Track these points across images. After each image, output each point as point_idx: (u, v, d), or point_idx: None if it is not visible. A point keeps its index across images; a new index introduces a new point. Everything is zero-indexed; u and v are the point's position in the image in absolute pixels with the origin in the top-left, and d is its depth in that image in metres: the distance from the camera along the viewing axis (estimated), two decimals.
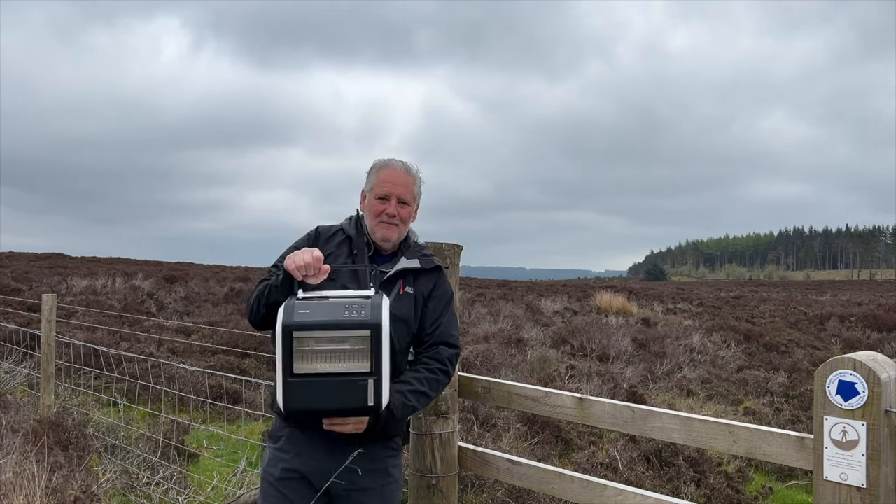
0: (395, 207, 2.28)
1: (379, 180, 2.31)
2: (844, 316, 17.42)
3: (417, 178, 2.35)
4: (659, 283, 75.32)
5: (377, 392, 1.94)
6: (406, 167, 2.33)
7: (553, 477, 2.37)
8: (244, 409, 6.28)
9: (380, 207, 2.29)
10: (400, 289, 2.27)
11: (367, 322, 1.93)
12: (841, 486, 1.67)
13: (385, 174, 2.31)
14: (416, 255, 2.34)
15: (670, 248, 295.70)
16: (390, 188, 2.28)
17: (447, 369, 2.28)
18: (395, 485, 2.28)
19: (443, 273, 2.40)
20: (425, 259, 2.34)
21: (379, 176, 2.32)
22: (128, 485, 4.36)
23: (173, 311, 14.08)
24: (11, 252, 35.86)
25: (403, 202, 2.30)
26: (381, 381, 1.94)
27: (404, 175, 2.32)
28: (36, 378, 6.64)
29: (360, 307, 1.96)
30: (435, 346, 2.30)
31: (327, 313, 1.94)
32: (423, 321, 2.31)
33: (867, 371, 1.62)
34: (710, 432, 2.00)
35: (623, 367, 9.72)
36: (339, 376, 1.93)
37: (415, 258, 2.32)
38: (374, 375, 1.93)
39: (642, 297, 25.22)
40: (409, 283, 2.29)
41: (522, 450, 5.44)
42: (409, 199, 2.32)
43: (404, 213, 2.30)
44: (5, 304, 12.04)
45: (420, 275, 2.32)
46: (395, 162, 2.34)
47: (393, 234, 2.30)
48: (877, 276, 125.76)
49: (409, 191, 2.32)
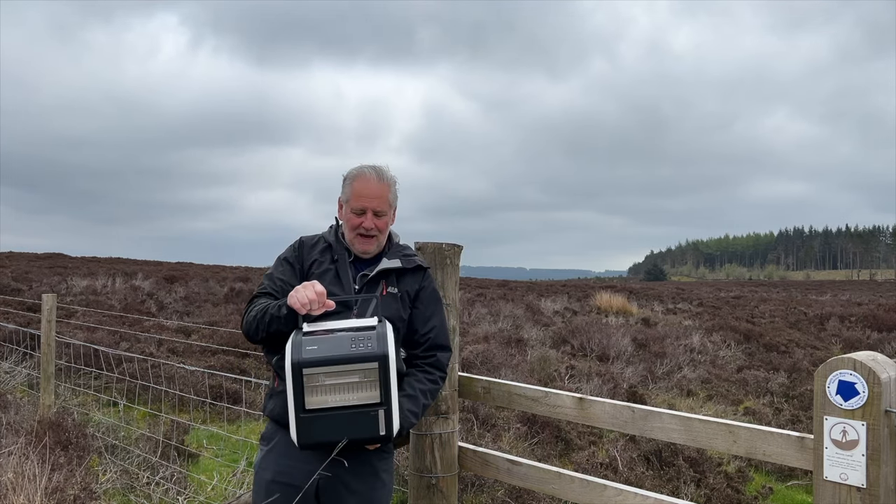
0: (372, 220, 2.28)
1: (353, 193, 2.30)
2: (844, 316, 17.42)
3: (392, 183, 2.34)
4: (659, 283, 75.32)
5: (388, 421, 2.00)
6: (379, 175, 2.31)
7: (553, 477, 2.37)
8: (244, 409, 6.28)
9: (356, 221, 2.29)
10: (383, 289, 2.29)
11: (374, 354, 1.97)
12: (841, 486, 1.67)
13: (359, 186, 2.29)
14: (397, 255, 2.35)
15: (670, 248, 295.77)
16: (365, 202, 2.27)
17: (446, 375, 2.37)
18: (384, 489, 2.27)
19: (427, 273, 2.41)
20: (406, 259, 2.35)
21: (353, 188, 2.30)
22: (128, 485, 4.36)
23: (173, 311, 14.07)
24: (11, 252, 35.86)
25: (379, 214, 2.29)
26: (391, 411, 2.00)
27: (377, 185, 2.29)
28: (36, 378, 6.63)
29: (367, 339, 2.00)
30: (433, 353, 2.33)
31: (334, 348, 1.98)
32: (414, 323, 2.33)
33: (867, 371, 1.62)
34: (710, 432, 2.00)
35: (623, 367, 9.72)
36: (351, 409, 1.99)
37: (396, 258, 2.33)
38: (384, 405, 1.99)
39: (642, 297, 25.22)
40: (393, 284, 2.31)
41: (522, 450, 5.44)
42: (385, 208, 2.30)
43: (381, 224, 2.31)
44: (5, 304, 12.03)
45: (403, 274, 2.34)
46: (367, 172, 2.31)
47: (371, 247, 2.32)
48: (877, 276, 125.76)
49: (384, 201, 2.30)
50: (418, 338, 2.33)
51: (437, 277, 2.64)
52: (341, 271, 2.29)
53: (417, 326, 2.33)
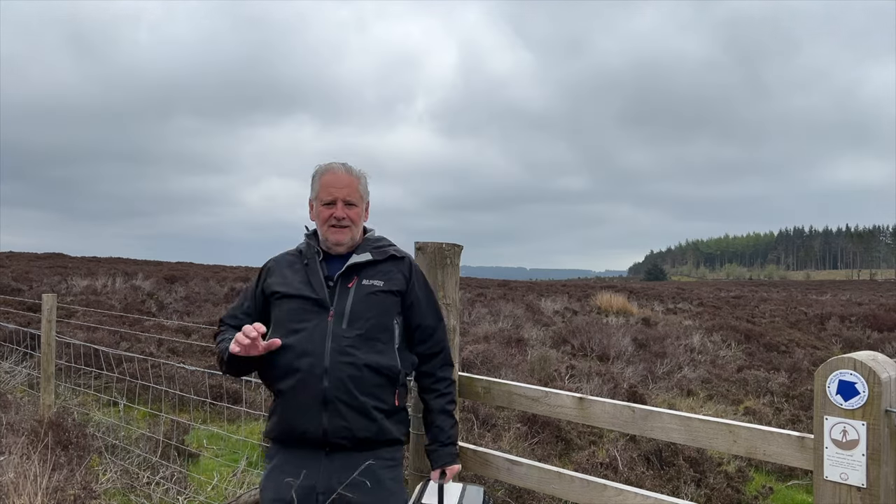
0: (343, 210, 2.26)
1: (322, 186, 2.29)
2: (844, 316, 17.42)
3: (362, 177, 2.33)
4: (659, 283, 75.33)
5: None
6: (347, 168, 2.31)
7: (553, 477, 2.37)
8: (244, 409, 6.29)
9: (326, 213, 2.27)
10: (350, 283, 2.24)
11: None
12: (841, 486, 1.67)
13: (327, 179, 2.29)
14: (367, 248, 2.31)
15: (670, 248, 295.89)
16: (334, 192, 2.27)
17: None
18: (392, 498, 2.22)
19: (410, 265, 2.36)
20: (378, 251, 2.31)
21: (321, 182, 2.30)
22: (128, 484, 4.36)
23: (173, 310, 14.08)
24: (11, 252, 35.88)
25: (350, 203, 2.28)
26: None
27: (346, 176, 2.29)
28: (36, 378, 6.64)
29: None
30: (447, 376, 2.39)
31: None
32: (413, 319, 2.32)
33: (867, 371, 1.62)
34: (710, 432, 2.00)
35: (623, 367, 9.72)
36: None
37: (366, 252, 2.29)
38: None
39: (642, 297, 25.23)
40: (368, 277, 2.26)
41: (522, 450, 5.44)
42: (356, 199, 2.29)
43: (353, 215, 2.28)
44: (5, 304, 12.03)
45: (378, 267, 2.28)
46: (334, 165, 2.31)
47: (344, 237, 2.28)
48: (877, 276, 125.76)
49: (355, 191, 2.29)
50: (424, 343, 2.35)
51: (437, 277, 2.64)
52: (311, 271, 2.27)
53: (422, 331, 2.34)
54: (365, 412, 2.14)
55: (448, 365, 2.41)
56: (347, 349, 2.15)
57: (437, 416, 2.34)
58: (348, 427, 2.13)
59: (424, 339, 2.34)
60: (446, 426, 2.33)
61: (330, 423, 2.12)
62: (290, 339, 2.18)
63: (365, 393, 2.15)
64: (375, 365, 2.17)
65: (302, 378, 2.14)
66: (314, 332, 2.17)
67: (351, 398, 2.13)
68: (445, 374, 2.39)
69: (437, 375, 2.37)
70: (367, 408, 2.15)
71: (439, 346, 2.38)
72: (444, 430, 2.33)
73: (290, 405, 2.16)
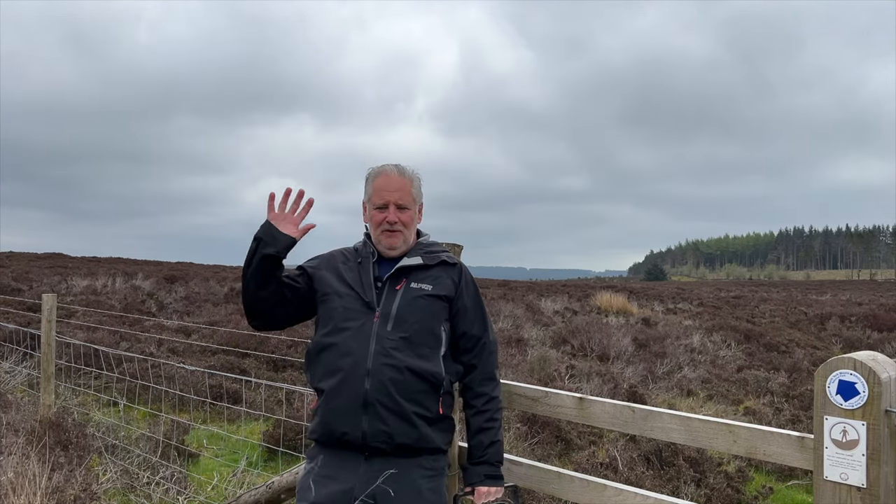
0: (395, 214, 2.24)
1: (374, 190, 2.28)
2: (844, 316, 17.43)
3: (415, 179, 2.31)
4: (659, 283, 75.32)
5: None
6: (400, 170, 2.29)
7: (553, 477, 2.37)
8: (244, 409, 6.29)
9: (379, 217, 2.25)
10: (399, 285, 2.22)
11: None
12: (841, 486, 1.66)
13: (379, 182, 2.28)
14: (419, 252, 2.29)
15: (670, 248, 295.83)
16: (386, 196, 2.25)
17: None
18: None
19: (461, 271, 2.31)
20: (429, 255, 2.29)
21: (374, 185, 2.28)
22: (128, 485, 4.36)
23: (173, 310, 14.08)
24: (12, 252, 35.88)
25: (402, 207, 2.25)
26: None
27: (399, 179, 2.27)
28: (36, 378, 6.63)
29: None
30: (486, 392, 2.29)
31: None
32: (459, 327, 2.27)
33: (867, 371, 1.62)
34: (710, 432, 2.00)
35: (623, 367, 9.72)
36: None
37: (417, 255, 2.28)
38: None
39: (642, 297, 25.22)
40: (417, 280, 2.23)
41: (522, 450, 5.44)
42: (408, 202, 2.27)
43: (405, 218, 2.26)
44: (5, 304, 12.03)
45: (428, 271, 2.26)
46: (388, 168, 2.30)
47: (397, 241, 2.25)
48: (877, 276, 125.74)
49: (407, 194, 2.27)
50: (469, 352, 2.28)
51: None
52: (363, 270, 2.26)
53: (467, 338, 2.28)
54: (405, 417, 2.10)
55: (489, 380, 2.31)
56: (390, 351, 2.12)
57: (474, 436, 2.28)
58: (388, 431, 2.09)
59: (469, 348, 2.28)
60: (480, 445, 2.26)
61: (370, 427, 2.08)
62: (334, 337, 2.16)
63: (407, 398, 2.10)
64: (418, 369, 2.13)
65: (344, 378, 2.11)
66: (359, 332, 2.15)
67: (392, 402, 2.09)
68: (484, 388, 2.29)
69: (475, 390, 2.29)
70: (407, 413, 2.10)
71: (480, 358, 2.30)
72: (477, 448, 2.27)
73: (331, 406, 2.13)
